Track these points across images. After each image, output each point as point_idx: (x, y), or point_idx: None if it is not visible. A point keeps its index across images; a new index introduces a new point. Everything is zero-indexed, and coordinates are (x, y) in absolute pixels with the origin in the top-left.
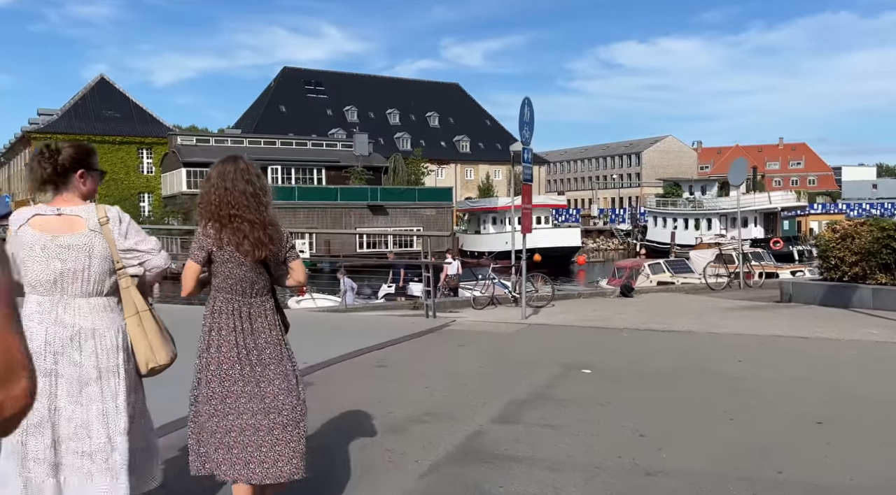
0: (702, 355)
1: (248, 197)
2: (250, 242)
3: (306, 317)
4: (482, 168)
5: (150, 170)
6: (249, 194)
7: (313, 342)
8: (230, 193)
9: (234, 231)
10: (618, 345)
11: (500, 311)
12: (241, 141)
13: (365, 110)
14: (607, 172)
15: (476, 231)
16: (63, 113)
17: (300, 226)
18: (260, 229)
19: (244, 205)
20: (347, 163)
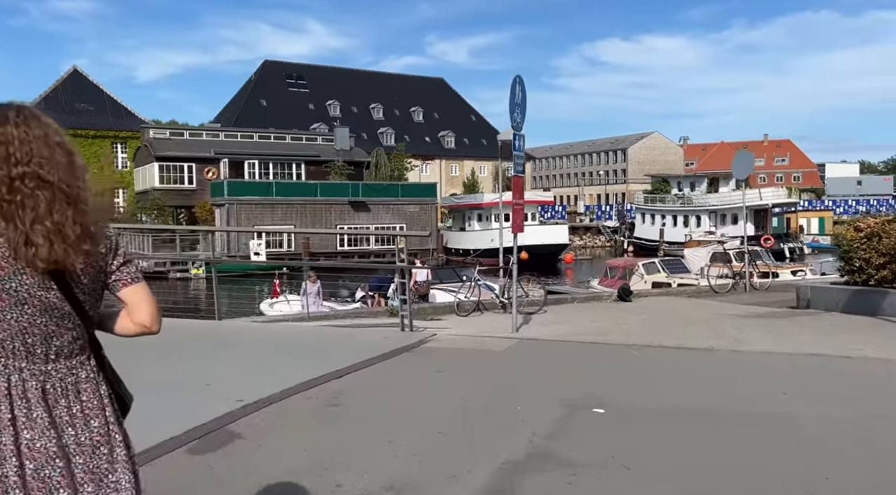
0: (733, 384)
1: (53, 147)
2: (44, 231)
3: (254, 330)
4: (467, 164)
5: (124, 165)
6: (55, 144)
7: (252, 368)
8: (20, 140)
9: (16, 209)
10: (627, 367)
11: (486, 319)
12: (216, 134)
13: (348, 105)
14: (593, 169)
15: (461, 228)
16: (34, 105)
17: (278, 223)
18: (67, 208)
19: (45, 159)
20: (328, 157)
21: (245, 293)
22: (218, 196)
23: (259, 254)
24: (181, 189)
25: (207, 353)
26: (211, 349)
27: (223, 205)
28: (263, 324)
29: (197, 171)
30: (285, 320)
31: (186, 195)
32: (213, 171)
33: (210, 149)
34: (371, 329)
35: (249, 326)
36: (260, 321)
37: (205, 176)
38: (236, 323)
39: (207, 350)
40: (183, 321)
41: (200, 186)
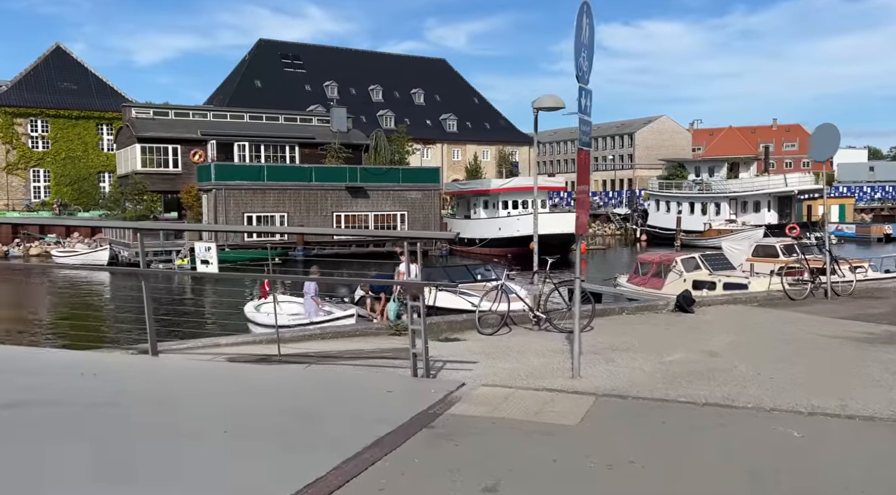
0: None
1: None
2: None
3: (196, 378)
4: (470, 148)
5: (110, 148)
6: None
7: (153, 472)
8: None
9: None
10: (807, 475)
11: (521, 342)
12: (204, 114)
13: (346, 86)
14: (598, 154)
15: (465, 216)
16: (13, 84)
17: (270, 210)
18: None
19: None
20: (324, 140)
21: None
22: (205, 180)
23: (209, 261)
24: (165, 173)
25: (90, 428)
26: (102, 418)
27: (210, 190)
28: (215, 363)
29: (183, 154)
30: (238, 361)
31: (171, 179)
32: (200, 154)
33: (197, 130)
34: (369, 368)
35: (193, 368)
36: (212, 355)
37: (191, 158)
38: (177, 361)
39: (97, 418)
40: (94, 355)
41: (186, 170)
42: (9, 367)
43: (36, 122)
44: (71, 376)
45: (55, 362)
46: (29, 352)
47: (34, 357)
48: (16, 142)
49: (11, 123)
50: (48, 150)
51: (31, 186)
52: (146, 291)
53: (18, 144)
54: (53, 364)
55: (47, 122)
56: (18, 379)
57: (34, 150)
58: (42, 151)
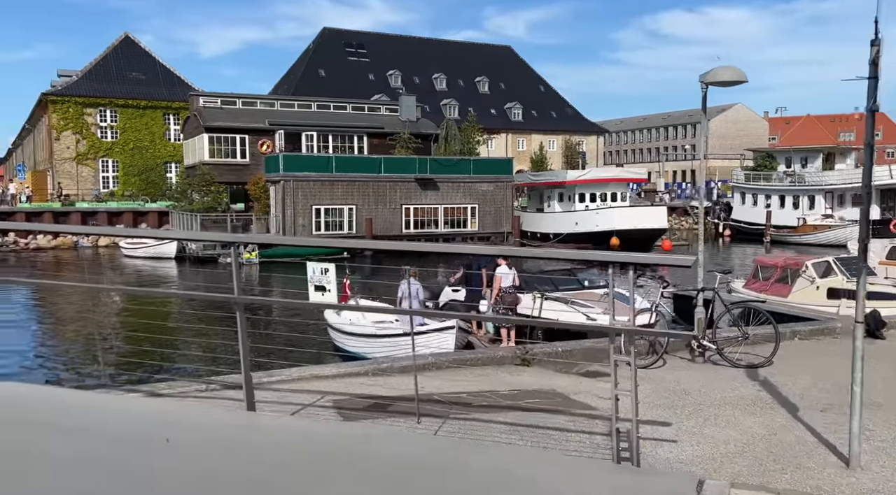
0: None
1: None
2: None
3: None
4: (535, 138)
5: (177, 138)
6: None
7: None
8: None
9: None
10: None
11: (693, 380)
12: (271, 103)
13: (409, 74)
14: (668, 143)
15: (538, 209)
16: (83, 74)
17: (338, 202)
18: None
19: None
20: (392, 129)
21: (297, 287)
22: (273, 171)
23: (326, 288)
24: (233, 163)
25: None
26: None
27: (278, 181)
28: (328, 425)
29: (250, 144)
30: (362, 400)
31: (238, 170)
32: (269, 144)
33: (264, 119)
34: (532, 430)
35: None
36: (315, 396)
37: (259, 149)
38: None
39: None
40: (178, 407)
41: (254, 160)
42: (67, 423)
43: (105, 112)
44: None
45: (129, 416)
46: (94, 400)
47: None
48: (85, 132)
49: (81, 113)
50: (117, 141)
51: (100, 176)
52: (241, 324)
53: (88, 134)
54: (126, 419)
55: (116, 112)
56: (74, 444)
57: (103, 140)
58: (111, 141)
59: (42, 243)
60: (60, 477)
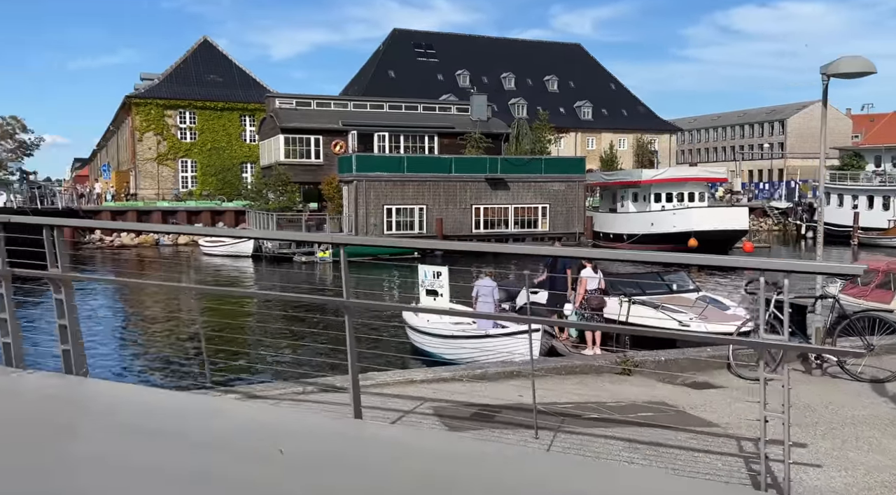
0: None
1: None
2: None
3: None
4: (605, 136)
5: (252, 139)
6: None
7: None
8: None
9: None
10: None
11: (811, 394)
12: (344, 104)
13: (478, 74)
14: (745, 141)
15: (611, 209)
16: (164, 77)
17: (409, 202)
18: None
19: None
20: (463, 129)
21: (374, 287)
22: (346, 172)
23: (438, 293)
24: (307, 164)
25: None
26: None
27: (351, 181)
28: (436, 434)
29: (324, 145)
30: (460, 408)
31: (312, 170)
32: (342, 145)
33: (338, 120)
34: (655, 448)
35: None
36: (415, 402)
37: (332, 149)
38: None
39: None
40: (286, 415)
41: (328, 161)
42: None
43: (185, 114)
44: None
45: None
46: (195, 403)
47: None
48: (166, 133)
49: (162, 115)
50: (195, 141)
51: (179, 176)
52: (350, 329)
53: (168, 135)
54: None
55: (195, 114)
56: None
57: (182, 141)
58: (189, 142)
59: (126, 241)
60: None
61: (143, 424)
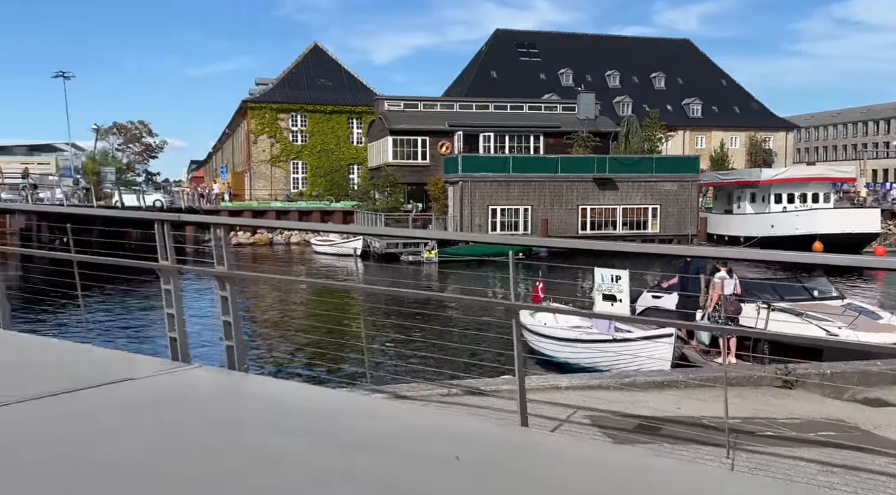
0: None
1: None
2: None
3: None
4: (715, 134)
5: (359, 141)
6: None
7: None
8: None
9: None
10: None
11: None
12: (450, 105)
13: (581, 73)
14: (867, 139)
15: (726, 210)
16: (277, 82)
17: (514, 203)
18: None
19: None
20: (570, 128)
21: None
22: (452, 172)
23: (617, 298)
24: (414, 165)
25: None
26: None
27: (457, 182)
28: (616, 451)
29: (431, 145)
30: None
31: (419, 171)
32: (448, 145)
33: (444, 121)
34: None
35: (575, 457)
36: (581, 410)
37: (438, 150)
38: (557, 444)
39: None
40: (454, 420)
41: (434, 162)
42: (326, 426)
43: (296, 117)
44: (418, 455)
45: (402, 425)
46: (356, 402)
47: (365, 409)
48: (279, 136)
49: (276, 119)
50: (305, 144)
51: (290, 178)
52: (516, 333)
53: (281, 138)
54: (401, 430)
55: (305, 117)
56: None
57: (294, 144)
58: (300, 145)
59: (242, 239)
60: (307, 480)
61: (306, 422)
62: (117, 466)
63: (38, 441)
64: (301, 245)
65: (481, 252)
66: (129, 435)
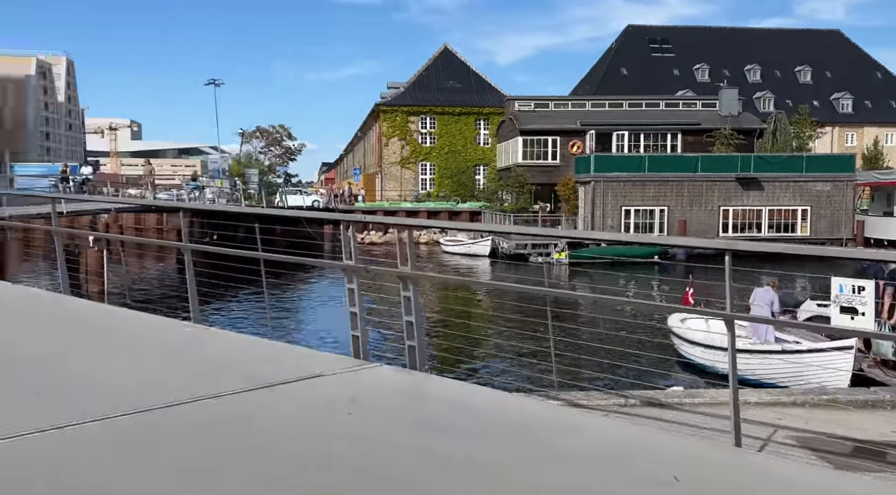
0: None
1: None
2: None
3: None
4: (868, 131)
5: (486, 142)
6: None
7: None
8: None
9: None
10: None
11: None
12: (582, 104)
13: (718, 68)
14: None
15: (885, 212)
16: (408, 85)
17: (649, 204)
18: None
19: None
20: (710, 125)
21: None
22: (583, 172)
23: (865, 312)
24: (544, 165)
25: None
26: None
27: (588, 182)
28: None
29: (561, 145)
30: None
31: (549, 171)
32: (579, 145)
33: (576, 120)
34: None
35: None
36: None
37: (569, 150)
38: (771, 466)
39: None
40: (669, 442)
41: (564, 162)
42: (526, 435)
43: (425, 120)
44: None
45: (602, 439)
46: (548, 411)
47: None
48: (409, 138)
49: (406, 121)
50: (434, 145)
51: (419, 179)
52: (732, 345)
53: (411, 140)
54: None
55: (434, 119)
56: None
57: (423, 146)
58: (429, 147)
59: (374, 239)
60: None
61: (496, 428)
62: (319, 460)
63: (238, 435)
64: (429, 244)
65: (612, 253)
66: (326, 430)
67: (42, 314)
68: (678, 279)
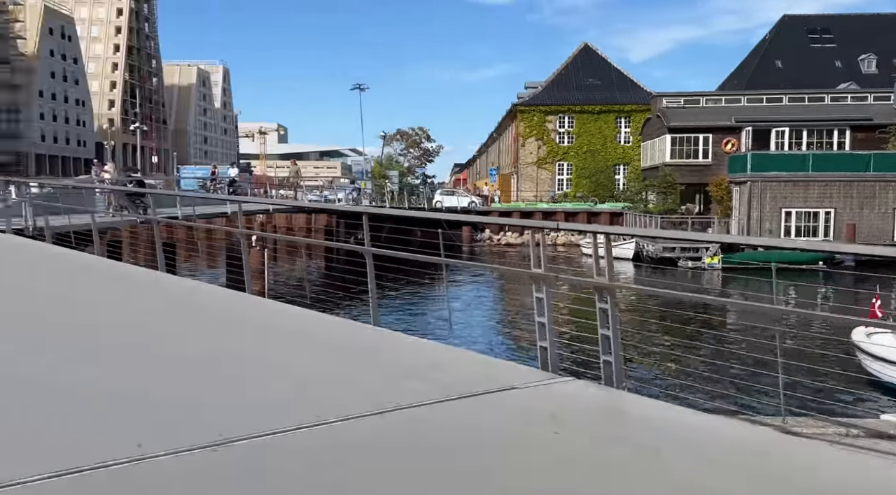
0: None
1: None
2: None
3: None
4: None
5: (626, 141)
6: None
7: None
8: None
9: None
10: None
11: None
12: (737, 99)
13: (887, 58)
14: None
15: None
16: (546, 85)
17: (812, 206)
18: None
19: None
20: (884, 120)
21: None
22: (738, 172)
23: None
24: (694, 164)
25: None
26: None
27: (744, 182)
28: None
29: (713, 143)
30: None
31: (699, 171)
32: (733, 143)
33: (729, 116)
34: None
35: None
36: None
37: (723, 148)
38: None
39: None
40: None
41: (716, 160)
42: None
43: (563, 119)
44: None
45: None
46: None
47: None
48: (546, 138)
49: (543, 121)
50: (572, 145)
51: (555, 179)
52: None
53: (548, 140)
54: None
55: (573, 119)
56: None
57: (560, 145)
58: (566, 146)
59: (510, 240)
60: None
61: (715, 456)
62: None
63: (465, 443)
64: (567, 246)
65: (771, 258)
66: (524, 445)
67: (244, 316)
68: (846, 289)
